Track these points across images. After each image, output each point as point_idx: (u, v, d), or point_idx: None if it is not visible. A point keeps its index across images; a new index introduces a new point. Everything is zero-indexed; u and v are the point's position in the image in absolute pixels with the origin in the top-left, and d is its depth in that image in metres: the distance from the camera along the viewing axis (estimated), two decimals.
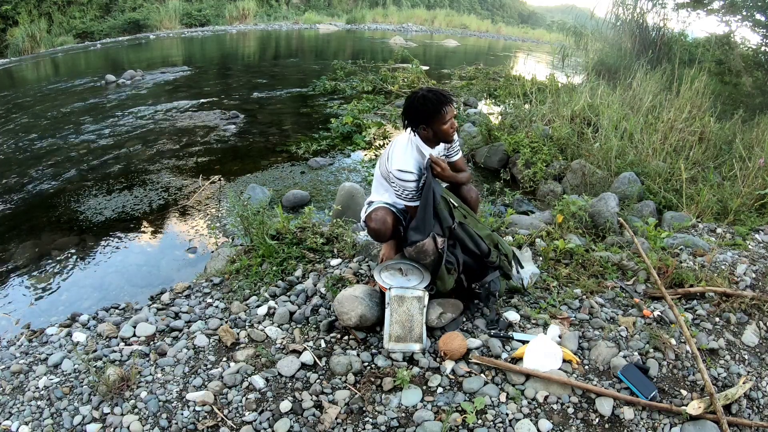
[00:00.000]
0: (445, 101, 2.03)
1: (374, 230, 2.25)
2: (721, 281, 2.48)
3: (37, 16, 15.25)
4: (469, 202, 2.34)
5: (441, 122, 2.05)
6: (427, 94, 2.03)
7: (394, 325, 2.07)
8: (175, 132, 6.36)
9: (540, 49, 18.69)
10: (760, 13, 6.19)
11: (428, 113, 2.03)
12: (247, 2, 21.27)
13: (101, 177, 4.91)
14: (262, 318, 2.38)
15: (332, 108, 7.63)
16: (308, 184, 4.79)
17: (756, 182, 3.70)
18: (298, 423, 1.78)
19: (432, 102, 2.01)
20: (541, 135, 5.14)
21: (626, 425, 1.76)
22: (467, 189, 2.37)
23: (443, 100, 2.03)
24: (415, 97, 2.05)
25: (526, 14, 41.70)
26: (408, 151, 2.14)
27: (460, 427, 1.75)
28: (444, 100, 2.03)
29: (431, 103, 2.01)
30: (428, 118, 2.05)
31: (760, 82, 6.23)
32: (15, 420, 1.86)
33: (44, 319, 2.81)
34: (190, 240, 3.79)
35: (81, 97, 8.25)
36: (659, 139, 4.60)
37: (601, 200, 3.37)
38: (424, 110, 2.03)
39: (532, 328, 2.23)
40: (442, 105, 2.02)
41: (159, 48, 15.23)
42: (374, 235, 2.30)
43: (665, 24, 8.06)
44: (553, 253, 2.78)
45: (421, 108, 2.03)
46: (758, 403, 1.86)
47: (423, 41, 19.34)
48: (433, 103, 2.01)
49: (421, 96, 2.04)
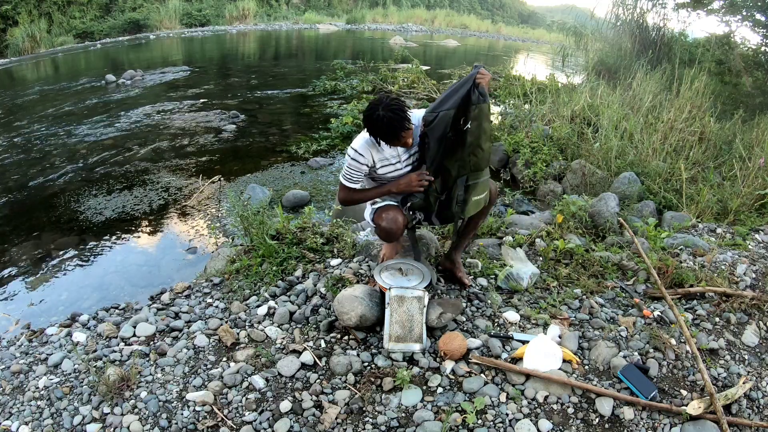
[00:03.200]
0: (403, 128, 2.01)
1: (385, 230, 2.21)
2: (721, 281, 2.48)
3: (37, 16, 15.25)
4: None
5: (395, 142, 2.09)
6: (387, 115, 1.98)
7: (394, 325, 2.07)
8: (175, 132, 6.36)
9: (540, 49, 18.69)
10: (760, 13, 6.19)
11: (385, 135, 2.04)
12: (247, 2, 21.26)
13: (101, 177, 4.91)
14: (262, 318, 2.38)
15: (332, 108, 7.63)
16: (308, 184, 4.79)
17: (756, 182, 3.70)
18: (298, 423, 1.78)
19: (390, 127, 2.00)
20: (541, 135, 5.14)
21: (626, 425, 1.76)
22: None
23: (401, 126, 2.00)
24: (376, 115, 2.00)
25: (526, 14, 41.71)
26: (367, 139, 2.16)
27: (460, 427, 1.75)
28: (402, 127, 2.01)
29: (389, 127, 2.00)
30: (384, 137, 2.06)
31: (760, 82, 6.22)
32: (15, 420, 1.86)
33: (44, 319, 2.81)
34: (190, 240, 3.79)
35: (81, 97, 8.25)
36: (659, 139, 4.60)
37: (601, 200, 3.37)
38: (382, 131, 2.03)
39: (532, 328, 2.23)
40: (399, 131, 2.02)
41: (159, 48, 15.23)
42: (384, 235, 2.27)
43: (665, 24, 8.07)
44: (553, 253, 2.78)
45: (379, 126, 2.02)
46: (758, 403, 1.86)
47: (423, 41, 19.34)
48: (391, 128, 2.00)
49: (381, 116, 1.98)
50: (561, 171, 4.58)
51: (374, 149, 2.17)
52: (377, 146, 2.15)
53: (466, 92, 2.03)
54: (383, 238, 2.34)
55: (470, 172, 2.14)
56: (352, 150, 2.16)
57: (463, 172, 2.13)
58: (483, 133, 2.07)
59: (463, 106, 2.03)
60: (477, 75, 2.02)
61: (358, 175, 2.20)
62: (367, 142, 2.16)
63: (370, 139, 2.14)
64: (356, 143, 2.18)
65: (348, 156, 2.18)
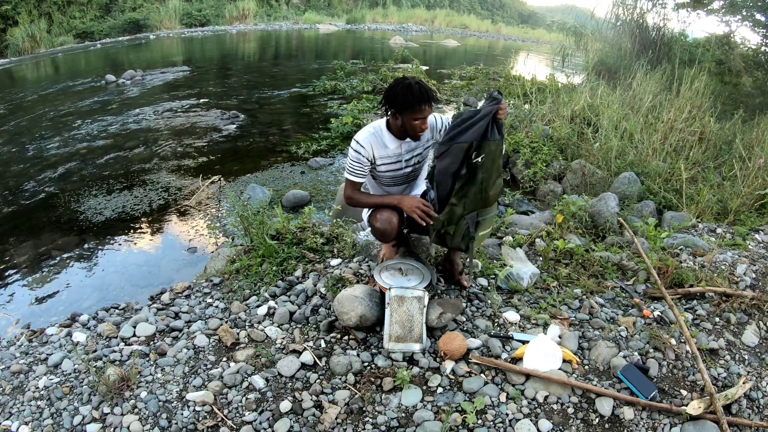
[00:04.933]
0: (426, 100, 2.00)
1: (380, 230, 2.22)
2: (721, 281, 2.48)
3: (37, 16, 15.25)
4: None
5: (412, 116, 2.03)
6: (413, 85, 2.00)
7: (394, 325, 2.07)
8: (175, 132, 6.36)
9: (540, 49, 18.69)
10: (760, 13, 6.19)
11: (406, 102, 2.00)
12: (247, 2, 21.27)
13: (101, 177, 4.91)
14: (262, 318, 2.38)
15: (332, 108, 7.63)
16: (308, 184, 4.79)
17: (756, 182, 3.70)
18: (298, 423, 1.78)
19: (414, 94, 1.98)
20: (541, 135, 5.14)
21: (626, 425, 1.76)
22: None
23: (424, 97, 2.00)
24: (401, 83, 2.02)
25: (526, 14, 41.74)
26: (372, 133, 2.15)
27: (460, 427, 1.75)
28: (425, 98, 2.00)
29: (412, 94, 1.98)
30: (403, 106, 2.02)
31: (760, 82, 6.22)
32: (15, 420, 1.86)
33: (44, 319, 2.81)
34: (190, 240, 3.79)
35: (81, 97, 8.25)
36: (659, 139, 4.60)
37: (601, 200, 3.37)
38: (403, 97, 2.00)
39: (532, 328, 2.23)
40: (421, 102, 1.99)
41: (159, 48, 15.23)
42: (379, 236, 2.28)
43: (665, 24, 8.07)
44: (553, 253, 2.78)
45: (401, 94, 2.00)
46: (758, 403, 1.86)
47: (423, 41, 19.34)
48: (414, 95, 1.98)
49: (407, 84, 2.00)
50: (561, 171, 4.58)
51: (377, 144, 2.16)
52: (381, 141, 2.15)
53: (484, 127, 1.95)
54: (378, 239, 2.34)
55: (481, 208, 2.09)
56: (355, 142, 2.16)
57: (470, 209, 2.07)
58: (496, 169, 2.03)
59: (479, 140, 1.96)
60: (498, 110, 1.94)
61: (360, 167, 2.19)
62: (371, 135, 2.15)
63: (375, 133, 2.14)
64: (359, 135, 2.17)
65: (351, 148, 2.18)
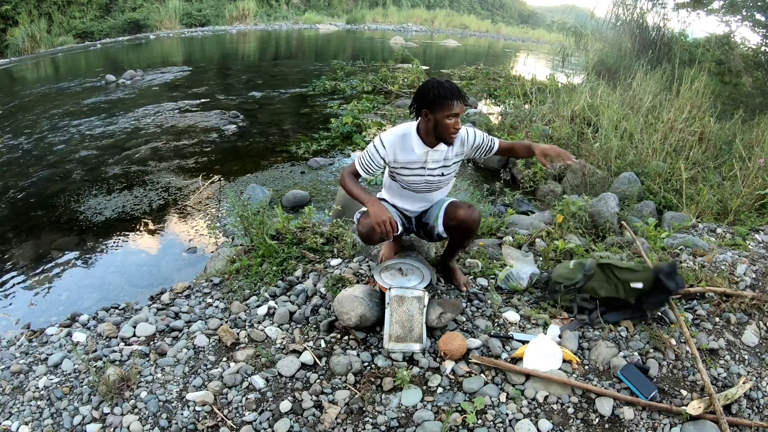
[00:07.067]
0: (457, 96, 2.00)
1: (362, 234, 2.22)
2: (721, 281, 2.47)
3: (37, 16, 15.24)
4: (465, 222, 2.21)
5: (444, 113, 2.00)
6: (443, 83, 2.01)
7: (394, 325, 2.07)
8: (175, 132, 6.36)
9: (540, 49, 18.69)
10: (760, 13, 6.19)
11: (437, 99, 1.99)
12: (247, 2, 21.27)
13: (101, 177, 4.91)
14: (262, 318, 2.38)
15: (332, 108, 7.63)
16: (308, 184, 4.79)
17: (756, 182, 3.69)
18: (298, 423, 1.78)
19: (444, 89, 1.99)
20: (541, 135, 5.14)
21: (626, 425, 1.76)
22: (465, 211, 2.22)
23: (455, 93, 2.00)
24: (431, 81, 2.04)
25: (526, 14, 41.74)
26: (401, 135, 2.13)
27: (460, 427, 1.75)
28: (456, 94, 2.00)
29: (443, 90, 1.99)
30: (434, 104, 2.01)
31: (760, 82, 6.22)
32: (15, 420, 1.86)
33: (44, 319, 2.81)
34: (190, 240, 3.79)
35: (81, 97, 8.25)
36: (659, 139, 4.60)
37: (601, 200, 3.37)
38: (434, 94, 1.99)
39: (532, 328, 2.23)
40: (453, 97, 1.99)
41: (159, 48, 15.22)
42: (365, 239, 2.25)
43: (665, 24, 8.06)
44: (553, 253, 2.78)
45: (432, 91, 2.00)
46: (758, 403, 1.86)
47: (423, 41, 19.34)
48: (445, 90, 1.99)
49: (437, 81, 2.02)
50: (561, 171, 4.58)
51: (402, 148, 2.14)
52: (408, 145, 2.13)
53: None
54: (363, 241, 2.31)
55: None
56: (378, 139, 2.13)
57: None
58: None
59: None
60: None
61: (371, 164, 2.16)
62: (398, 137, 2.13)
63: (403, 136, 2.12)
64: (386, 135, 2.14)
65: (373, 142, 2.15)
